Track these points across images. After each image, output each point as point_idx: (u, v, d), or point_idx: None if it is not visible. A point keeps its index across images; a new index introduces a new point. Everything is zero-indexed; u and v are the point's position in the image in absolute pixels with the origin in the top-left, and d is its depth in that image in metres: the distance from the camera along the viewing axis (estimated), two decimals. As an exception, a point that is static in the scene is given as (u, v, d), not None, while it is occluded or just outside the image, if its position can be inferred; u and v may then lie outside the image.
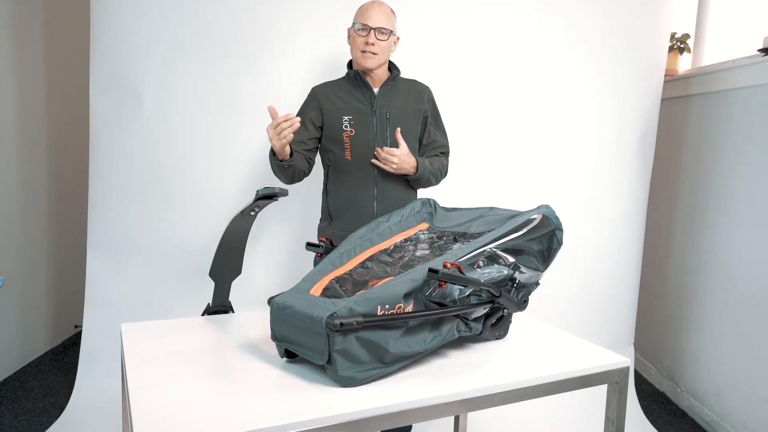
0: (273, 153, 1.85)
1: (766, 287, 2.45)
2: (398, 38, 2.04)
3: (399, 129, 1.92)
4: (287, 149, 1.81)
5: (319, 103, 2.01)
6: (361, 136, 1.96)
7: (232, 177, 2.61)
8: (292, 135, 1.74)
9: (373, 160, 1.95)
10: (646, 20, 2.79)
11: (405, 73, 2.13)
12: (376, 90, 2.01)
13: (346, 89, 2.01)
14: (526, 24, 2.70)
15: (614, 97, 2.80)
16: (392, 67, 2.07)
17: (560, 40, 2.73)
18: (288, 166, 1.87)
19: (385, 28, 1.93)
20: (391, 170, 1.93)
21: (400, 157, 1.89)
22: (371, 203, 1.99)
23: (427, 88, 2.12)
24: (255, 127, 2.60)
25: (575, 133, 2.79)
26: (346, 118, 1.97)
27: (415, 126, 2.05)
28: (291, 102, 2.51)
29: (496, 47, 2.69)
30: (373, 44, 1.92)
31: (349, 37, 2.01)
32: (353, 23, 1.97)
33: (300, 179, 2.00)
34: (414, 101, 2.05)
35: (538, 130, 2.76)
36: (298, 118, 1.73)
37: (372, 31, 1.92)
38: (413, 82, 2.11)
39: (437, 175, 2.05)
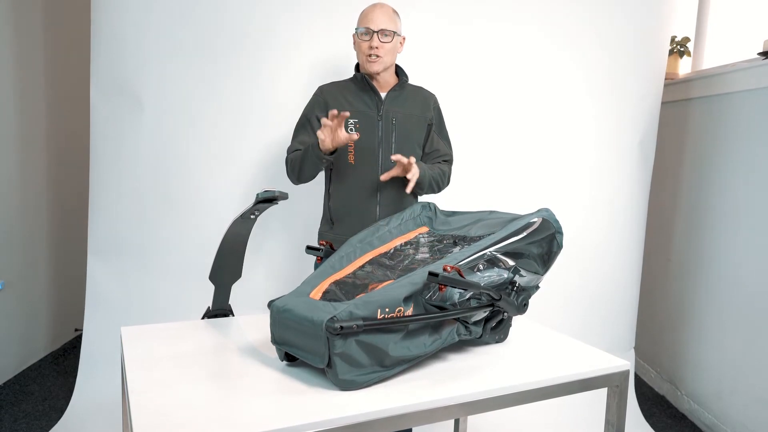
0: (316, 146, 1.82)
1: (766, 291, 2.45)
2: (404, 38, 2.02)
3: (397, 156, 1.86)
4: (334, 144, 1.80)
5: (326, 103, 1.98)
6: (365, 140, 1.94)
7: (232, 180, 2.61)
8: (345, 133, 1.77)
9: (382, 177, 1.89)
10: (647, 24, 2.80)
11: (408, 77, 2.12)
12: (383, 95, 1.99)
13: (353, 92, 1.99)
14: (527, 28, 2.70)
15: (614, 100, 2.81)
16: (400, 73, 2.05)
17: (560, 43, 2.73)
18: (324, 160, 1.84)
19: (388, 30, 1.90)
20: (407, 173, 1.84)
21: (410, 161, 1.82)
22: (374, 208, 1.98)
23: (433, 95, 2.11)
24: (255, 130, 2.60)
25: (575, 137, 2.80)
26: (351, 121, 1.94)
27: (420, 133, 2.04)
28: (291, 105, 2.53)
29: (497, 51, 2.69)
30: (377, 47, 1.90)
31: (354, 42, 2.00)
32: (356, 28, 1.96)
33: (308, 180, 1.98)
34: (420, 108, 2.04)
35: (538, 133, 2.76)
36: (342, 113, 1.73)
37: (375, 34, 1.90)
38: (420, 89, 2.10)
39: (438, 180, 2.02)
